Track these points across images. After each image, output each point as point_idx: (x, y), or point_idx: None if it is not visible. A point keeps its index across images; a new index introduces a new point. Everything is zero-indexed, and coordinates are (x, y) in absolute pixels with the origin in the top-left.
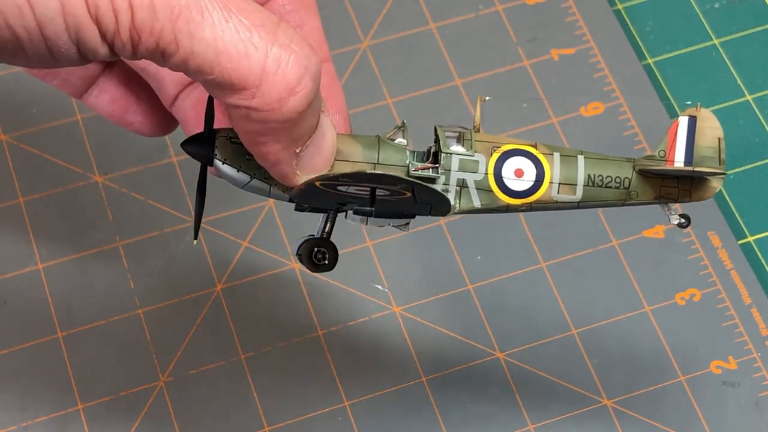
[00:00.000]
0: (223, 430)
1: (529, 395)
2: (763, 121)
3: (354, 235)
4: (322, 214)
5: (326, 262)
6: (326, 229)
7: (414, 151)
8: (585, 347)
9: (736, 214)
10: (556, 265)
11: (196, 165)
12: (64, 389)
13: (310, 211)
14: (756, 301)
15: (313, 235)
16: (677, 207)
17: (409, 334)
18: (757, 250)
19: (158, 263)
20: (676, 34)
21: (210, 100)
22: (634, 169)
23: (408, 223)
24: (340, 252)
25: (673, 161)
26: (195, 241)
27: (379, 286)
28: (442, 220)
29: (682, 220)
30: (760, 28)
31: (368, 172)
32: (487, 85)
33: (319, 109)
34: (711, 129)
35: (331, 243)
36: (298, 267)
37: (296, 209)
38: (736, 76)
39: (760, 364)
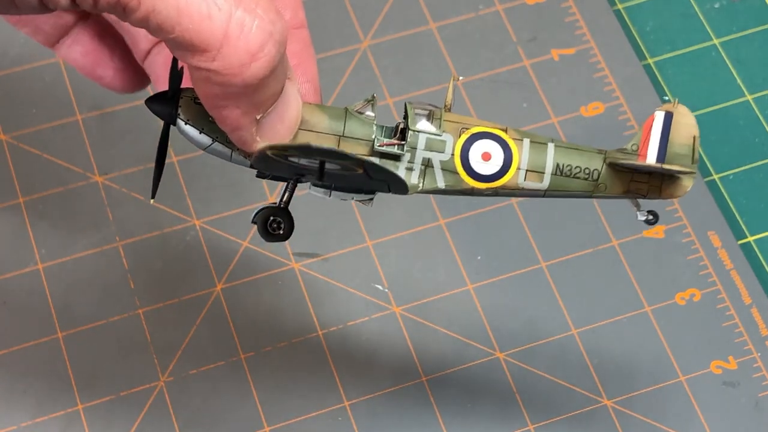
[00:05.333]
0: (223, 430)
1: (529, 395)
2: (763, 121)
3: (354, 235)
4: (285, 183)
5: (281, 231)
6: (284, 199)
7: (383, 126)
8: (585, 347)
9: (736, 214)
10: (556, 265)
11: (196, 164)
12: (64, 389)
13: (271, 179)
14: (756, 301)
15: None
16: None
17: (409, 334)
18: (757, 250)
19: (158, 263)
20: (676, 34)
21: (174, 59)
22: (604, 161)
23: (372, 199)
24: (339, 252)
25: (645, 156)
26: (152, 200)
27: (379, 286)
28: (441, 220)
29: (650, 217)
30: (760, 28)
31: (314, 146)
32: (488, 85)
33: (283, 76)
34: (687, 126)
35: (288, 213)
36: (298, 267)
37: (257, 176)
38: (736, 76)
39: (760, 364)
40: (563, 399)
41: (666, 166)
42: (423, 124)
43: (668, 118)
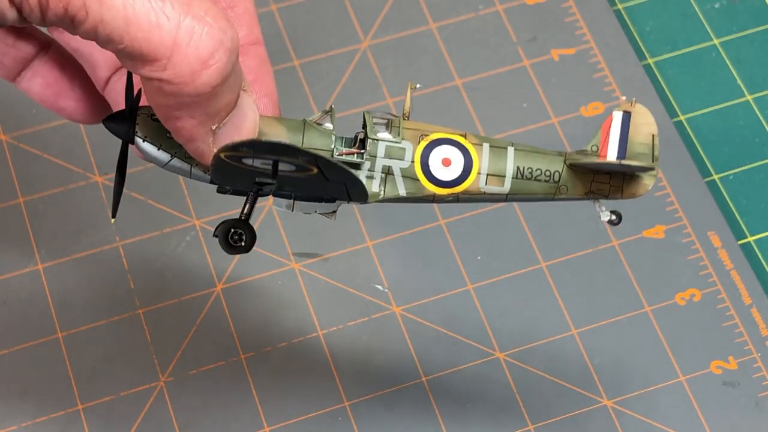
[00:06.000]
0: (223, 430)
1: (529, 395)
2: (763, 121)
3: (354, 235)
4: (247, 196)
5: (242, 243)
6: (245, 211)
7: (342, 137)
8: (585, 347)
9: (736, 214)
10: (556, 265)
11: None
12: (64, 389)
13: (231, 193)
14: (756, 301)
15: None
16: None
17: (409, 334)
18: (757, 250)
19: (158, 263)
20: (676, 34)
21: (129, 77)
22: (564, 162)
23: (335, 211)
24: (339, 252)
25: (605, 156)
26: (113, 220)
27: (379, 286)
28: (441, 220)
29: (613, 217)
30: (760, 28)
31: (264, 140)
32: (488, 85)
33: (237, 86)
34: (645, 125)
35: (249, 225)
36: (298, 267)
37: (218, 191)
38: (736, 76)
39: (760, 364)
40: (563, 399)
41: (626, 162)
42: (382, 133)
43: (627, 118)
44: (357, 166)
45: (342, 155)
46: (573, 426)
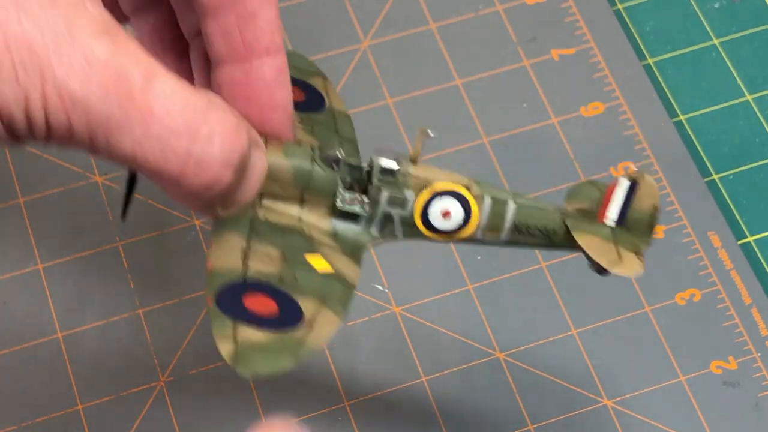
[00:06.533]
0: (223, 430)
1: (529, 395)
2: (763, 121)
3: None
4: None
5: None
6: None
7: (348, 166)
8: (585, 347)
9: (736, 214)
10: (556, 265)
11: None
12: (64, 389)
13: None
14: (756, 301)
15: None
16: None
17: (409, 334)
18: (757, 250)
19: (158, 263)
20: (676, 34)
21: None
22: (563, 221)
23: None
24: None
25: (604, 217)
26: (123, 221)
27: (379, 286)
28: None
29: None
30: (760, 28)
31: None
32: (488, 85)
33: (245, 171)
34: (649, 196)
35: None
36: None
37: None
38: (736, 76)
39: (760, 364)
40: (563, 399)
41: (612, 271)
42: (387, 175)
43: (633, 187)
44: (357, 216)
45: (345, 204)
46: (573, 426)
